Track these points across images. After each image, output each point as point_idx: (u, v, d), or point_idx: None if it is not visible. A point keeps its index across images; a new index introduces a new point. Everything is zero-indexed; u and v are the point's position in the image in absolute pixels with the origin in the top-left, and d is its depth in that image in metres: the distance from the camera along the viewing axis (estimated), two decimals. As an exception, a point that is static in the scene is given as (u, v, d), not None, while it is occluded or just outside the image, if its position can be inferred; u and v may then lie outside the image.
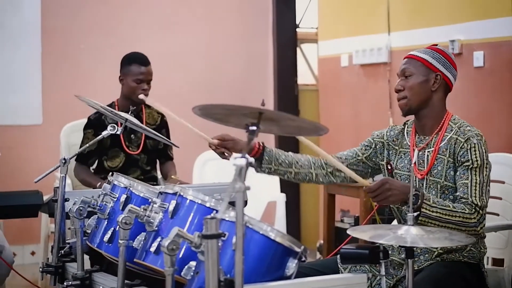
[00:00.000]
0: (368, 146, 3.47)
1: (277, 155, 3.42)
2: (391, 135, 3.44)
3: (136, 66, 4.82)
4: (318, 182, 3.48)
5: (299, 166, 3.44)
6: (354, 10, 6.49)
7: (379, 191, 3.05)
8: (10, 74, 6.67)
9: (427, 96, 3.30)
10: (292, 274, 2.49)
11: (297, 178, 3.46)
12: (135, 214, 2.76)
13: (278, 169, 3.42)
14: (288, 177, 3.46)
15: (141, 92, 4.78)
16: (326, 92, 6.89)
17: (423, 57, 3.30)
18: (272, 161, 3.41)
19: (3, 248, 4.54)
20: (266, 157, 3.40)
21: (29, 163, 6.53)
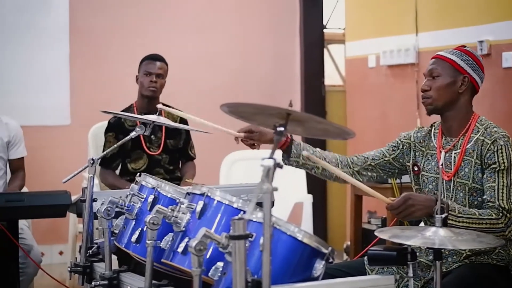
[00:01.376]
0: (395, 147, 3.45)
1: (305, 149, 3.41)
2: (418, 136, 3.42)
3: (147, 62, 4.92)
4: (344, 180, 3.45)
5: (326, 162, 3.42)
6: (381, 11, 6.46)
7: (402, 208, 3.02)
8: (38, 75, 6.71)
9: (454, 97, 3.27)
10: (319, 275, 2.49)
11: (323, 174, 3.44)
12: (162, 214, 2.77)
13: (305, 163, 3.40)
14: (315, 172, 3.44)
15: (149, 84, 4.82)
16: (353, 93, 6.87)
17: (451, 58, 3.27)
18: (300, 155, 3.39)
19: (31, 248, 4.58)
20: (294, 150, 3.37)
21: (57, 163, 6.57)
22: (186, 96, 6.64)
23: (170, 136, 4.89)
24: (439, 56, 3.31)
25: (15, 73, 6.63)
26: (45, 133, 6.71)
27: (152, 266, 2.83)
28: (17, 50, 6.65)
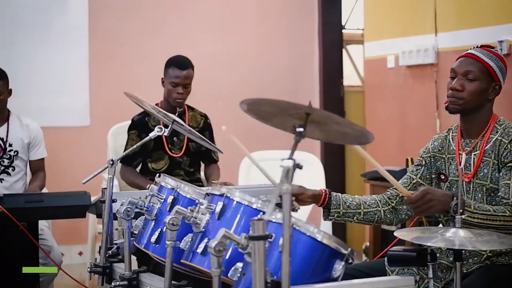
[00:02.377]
0: (419, 166, 3.41)
1: (344, 199, 3.35)
2: (435, 145, 3.38)
3: (174, 69, 4.85)
4: (386, 220, 3.39)
5: (367, 205, 3.37)
6: (400, 11, 6.44)
7: (420, 203, 3.00)
8: (58, 76, 6.74)
9: (483, 103, 3.23)
10: (339, 276, 2.49)
11: (366, 218, 3.37)
12: (182, 215, 2.77)
13: (347, 212, 3.34)
14: (358, 218, 3.36)
15: (176, 96, 4.81)
16: (372, 93, 6.85)
17: (489, 63, 3.20)
18: (340, 205, 3.33)
19: (51, 249, 4.60)
20: (334, 201, 3.33)
21: (76, 164, 6.59)
22: (205, 96, 6.65)
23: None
24: (476, 57, 3.23)
25: (35, 74, 6.66)
26: (65, 134, 6.74)
27: (171, 267, 2.83)
28: (36, 51, 6.68)
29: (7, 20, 6.61)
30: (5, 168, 4.84)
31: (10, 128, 4.88)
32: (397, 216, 3.40)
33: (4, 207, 3.90)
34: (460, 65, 3.26)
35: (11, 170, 4.85)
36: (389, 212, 3.39)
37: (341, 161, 7.54)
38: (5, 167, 4.84)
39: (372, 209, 3.37)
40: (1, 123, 4.88)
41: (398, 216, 3.40)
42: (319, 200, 3.34)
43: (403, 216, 3.41)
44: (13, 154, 4.85)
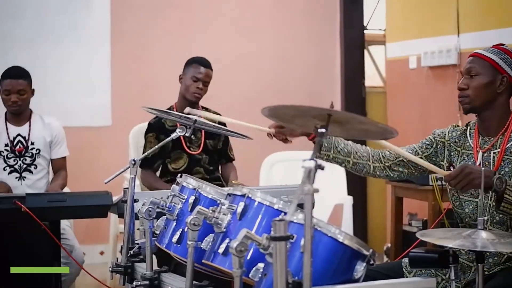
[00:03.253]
0: (428, 145, 3.40)
1: (336, 143, 3.37)
2: (453, 136, 3.36)
3: (196, 66, 4.93)
4: (375, 175, 3.42)
5: (357, 156, 3.39)
6: (422, 11, 6.42)
7: (460, 177, 2.96)
8: (80, 77, 6.78)
9: (492, 97, 3.22)
10: (360, 277, 2.48)
11: (354, 168, 3.41)
12: (203, 215, 2.77)
13: (336, 157, 3.37)
14: (346, 166, 3.40)
15: (196, 91, 4.85)
16: (394, 94, 6.84)
17: (490, 57, 3.22)
18: (331, 149, 3.35)
19: (73, 248, 4.63)
20: (325, 143, 3.35)
21: (98, 164, 6.62)
22: (226, 98, 6.65)
23: (210, 137, 4.91)
24: (478, 55, 3.26)
25: (57, 75, 6.70)
26: (87, 134, 6.77)
27: (193, 267, 2.84)
28: (59, 51, 6.72)
29: (30, 20, 6.65)
30: (27, 166, 4.88)
31: (32, 126, 4.92)
32: (388, 174, 3.41)
33: (26, 207, 3.92)
34: (465, 65, 3.30)
35: (33, 168, 4.89)
36: (379, 169, 3.40)
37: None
38: (27, 165, 4.88)
39: (362, 161, 3.40)
40: (23, 122, 4.92)
41: (389, 175, 3.42)
42: (309, 135, 3.36)
43: (394, 176, 3.43)
44: (35, 152, 4.89)
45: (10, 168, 4.86)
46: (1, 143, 4.86)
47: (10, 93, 4.81)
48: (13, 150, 4.86)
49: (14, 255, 3.99)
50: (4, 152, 4.85)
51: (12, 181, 4.84)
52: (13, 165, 4.86)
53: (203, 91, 4.91)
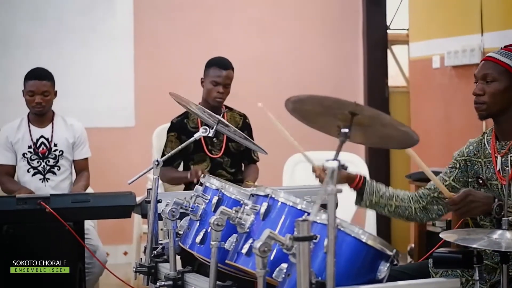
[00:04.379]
0: (453, 168, 3.36)
1: (378, 188, 3.35)
2: (470, 150, 3.32)
3: (215, 69, 4.87)
4: (416, 217, 3.39)
5: (399, 199, 3.36)
6: (446, 11, 6.39)
7: (462, 204, 2.98)
8: (104, 77, 6.80)
9: (509, 102, 3.20)
10: (384, 277, 2.48)
11: (396, 212, 3.37)
12: (226, 215, 2.78)
13: (379, 202, 3.34)
14: (388, 210, 3.36)
15: (216, 95, 4.83)
16: (417, 94, 6.81)
17: (506, 62, 3.16)
18: (374, 194, 3.33)
19: (97, 248, 4.64)
20: (368, 188, 3.33)
21: (122, 164, 6.64)
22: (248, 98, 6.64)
23: (232, 139, 4.89)
24: (492, 59, 3.21)
25: (81, 76, 6.73)
26: (110, 134, 6.80)
27: (216, 267, 2.84)
28: (82, 53, 6.75)
29: (53, 22, 6.69)
30: (51, 167, 4.90)
31: (54, 128, 4.94)
32: (427, 215, 3.38)
33: (51, 207, 3.94)
34: (479, 69, 3.26)
35: (57, 169, 4.91)
36: (420, 210, 3.37)
37: (385, 162, 7.51)
38: (50, 167, 4.90)
39: (404, 204, 3.37)
40: (46, 124, 4.94)
41: (428, 216, 3.39)
42: (352, 183, 3.33)
43: (433, 216, 3.40)
44: (58, 153, 4.91)
45: (33, 170, 4.88)
46: (25, 145, 4.88)
47: (35, 94, 4.83)
48: (37, 152, 4.88)
49: (38, 256, 4.01)
50: (27, 154, 4.87)
51: (36, 183, 4.86)
52: (37, 167, 4.88)
53: (224, 94, 4.87)
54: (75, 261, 4.11)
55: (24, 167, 4.87)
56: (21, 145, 4.88)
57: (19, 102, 5.09)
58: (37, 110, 4.86)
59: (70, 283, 4.09)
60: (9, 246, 3.99)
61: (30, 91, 4.83)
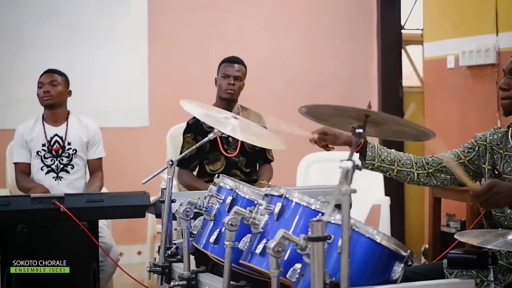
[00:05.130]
0: (471, 149, 3.36)
1: (379, 152, 3.37)
2: (494, 138, 3.31)
3: (225, 64, 4.97)
4: (419, 182, 3.39)
5: (401, 164, 3.37)
6: (460, 10, 6.37)
7: (487, 195, 2.94)
8: (118, 78, 6.82)
9: None
10: (398, 278, 2.47)
11: (398, 176, 3.39)
12: (240, 215, 2.78)
13: (380, 166, 3.37)
14: (390, 174, 3.39)
15: (227, 87, 4.86)
16: (432, 94, 6.79)
17: None
18: (375, 157, 3.35)
19: (110, 247, 4.66)
20: (369, 152, 3.35)
21: (136, 164, 6.66)
22: (263, 98, 6.66)
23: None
24: None
25: (95, 76, 6.75)
26: (124, 134, 6.81)
27: (230, 267, 2.84)
28: (97, 53, 6.77)
29: (68, 23, 6.71)
30: (64, 166, 4.92)
31: (69, 127, 4.97)
32: (432, 181, 3.39)
33: (65, 207, 3.95)
34: (508, 63, 3.24)
35: (70, 168, 4.93)
36: (424, 176, 3.38)
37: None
38: (64, 165, 4.92)
39: (406, 168, 3.37)
40: (61, 123, 4.97)
41: (432, 182, 3.39)
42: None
43: (437, 183, 3.40)
44: (71, 152, 4.93)
45: (47, 168, 4.90)
46: (39, 143, 4.91)
47: (43, 85, 4.87)
48: (50, 150, 4.91)
49: (52, 255, 4.02)
50: (41, 152, 4.90)
51: (49, 181, 4.88)
52: (50, 165, 4.90)
53: (235, 86, 4.90)
54: (89, 260, 4.12)
55: (38, 165, 4.90)
56: (35, 143, 4.91)
57: (33, 102, 5.12)
58: (45, 100, 4.87)
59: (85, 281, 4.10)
60: (23, 245, 4.00)
61: (39, 83, 4.90)
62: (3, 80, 6.59)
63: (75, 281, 4.10)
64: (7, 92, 6.56)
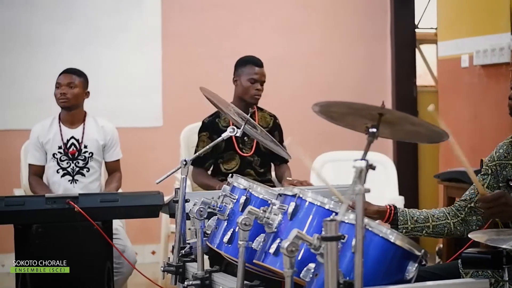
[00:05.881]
0: (485, 175, 3.32)
1: (411, 214, 3.31)
2: (500, 153, 3.29)
3: (251, 67, 4.90)
4: (456, 232, 3.33)
5: (435, 218, 3.32)
6: (474, 9, 6.35)
7: (493, 204, 2.93)
8: (132, 78, 6.84)
9: None
10: (412, 277, 2.47)
11: (435, 231, 3.32)
12: (254, 215, 2.78)
13: (415, 227, 3.30)
14: (427, 232, 3.31)
15: (255, 93, 4.85)
16: (446, 93, 6.77)
17: None
18: (408, 220, 3.29)
19: (125, 248, 4.66)
20: (401, 217, 3.29)
21: (149, 164, 6.67)
22: (277, 97, 6.66)
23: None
24: None
25: (109, 76, 6.76)
26: (138, 134, 6.82)
27: (244, 267, 2.84)
28: (111, 53, 6.79)
29: (82, 23, 6.73)
30: (80, 169, 4.92)
31: (85, 129, 4.95)
32: (467, 227, 3.32)
33: (79, 207, 3.96)
34: None
35: (86, 171, 4.93)
36: (459, 224, 3.32)
37: (414, 162, 7.47)
38: (80, 168, 4.92)
39: (441, 221, 3.32)
40: (78, 124, 4.95)
41: (468, 228, 3.32)
42: (384, 216, 3.30)
43: (473, 228, 3.32)
44: (88, 155, 4.93)
45: (63, 171, 4.90)
46: (55, 146, 4.90)
47: (60, 86, 4.86)
48: (66, 153, 4.90)
49: (67, 255, 4.03)
50: (57, 155, 4.89)
51: (65, 183, 4.88)
52: (66, 168, 4.90)
53: (261, 91, 4.91)
54: (103, 261, 4.13)
55: (54, 168, 4.90)
56: (51, 146, 4.90)
57: (48, 102, 5.14)
58: (62, 102, 4.86)
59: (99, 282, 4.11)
60: (38, 245, 4.01)
61: (57, 83, 4.88)
62: (19, 80, 6.62)
63: (90, 281, 4.11)
64: (22, 92, 6.59)
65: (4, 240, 5.67)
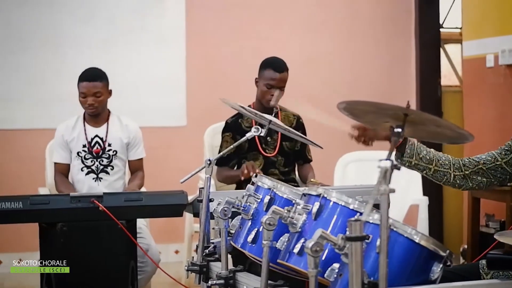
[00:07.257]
0: (508, 151, 3.28)
1: (418, 150, 3.27)
2: None
3: (270, 71, 4.84)
4: (454, 184, 3.32)
5: (439, 164, 3.29)
6: (499, 8, 6.31)
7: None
8: (156, 77, 6.85)
9: None
10: (437, 278, 2.46)
11: (434, 176, 3.32)
12: (278, 215, 2.78)
13: (418, 164, 3.27)
14: (427, 173, 3.31)
15: (270, 98, 4.81)
16: (471, 93, 6.74)
17: None
18: (413, 155, 3.26)
19: (149, 247, 4.67)
20: (408, 150, 3.26)
21: (173, 163, 6.68)
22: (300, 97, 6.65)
23: (286, 138, 4.86)
24: None
25: (133, 75, 6.79)
26: (162, 134, 6.84)
27: (268, 266, 2.84)
28: (135, 53, 6.82)
29: (105, 23, 6.76)
30: (104, 167, 4.94)
31: (109, 128, 4.97)
32: (467, 184, 3.31)
33: (104, 206, 3.98)
34: None
35: (110, 169, 4.94)
36: (460, 178, 3.30)
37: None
38: (104, 166, 4.94)
39: (443, 169, 3.29)
40: (102, 123, 4.97)
41: (468, 184, 3.31)
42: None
43: (473, 186, 3.31)
44: (112, 154, 4.94)
45: (87, 169, 4.92)
46: (79, 144, 4.92)
47: (86, 95, 4.86)
48: (91, 151, 4.92)
49: (91, 254, 4.05)
50: (81, 153, 4.92)
51: (89, 182, 4.90)
52: (90, 166, 4.92)
53: (280, 96, 4.86)
54: (127, 260, 4.15)
55: (78, 166, 4.92)
56: (76, 144, 4.92)
57: (72, 102, 5.15)
58: (90, 111, 4.89)
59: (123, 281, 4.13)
60: (63, 244, 4.04)
61: (82, 92, 4.87)
62: (42, 79, 6.66)
63: (113, 280, 4.12)
64: (46, 92, 6.63)
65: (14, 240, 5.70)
